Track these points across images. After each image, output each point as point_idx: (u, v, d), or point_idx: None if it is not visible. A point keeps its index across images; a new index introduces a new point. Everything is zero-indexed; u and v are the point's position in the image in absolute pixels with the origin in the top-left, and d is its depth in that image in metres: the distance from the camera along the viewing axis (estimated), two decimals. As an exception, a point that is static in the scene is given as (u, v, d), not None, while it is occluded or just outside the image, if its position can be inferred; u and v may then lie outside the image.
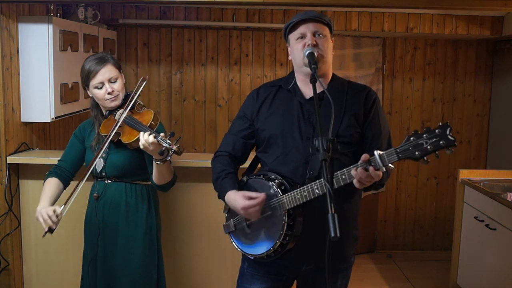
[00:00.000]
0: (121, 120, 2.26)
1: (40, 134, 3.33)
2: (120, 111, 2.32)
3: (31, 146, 3.19)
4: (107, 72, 2.29)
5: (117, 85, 2.32)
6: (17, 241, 3.03)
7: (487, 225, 3.44)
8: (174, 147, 2.07)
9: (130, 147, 2.28)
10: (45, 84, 3.02)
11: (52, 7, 3.27)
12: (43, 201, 2.33)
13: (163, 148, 2.09)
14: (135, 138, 2.21)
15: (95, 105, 2.42)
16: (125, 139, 2.26)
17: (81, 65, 2.36)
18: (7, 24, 2.88)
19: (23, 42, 2.99)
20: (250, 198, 1.89)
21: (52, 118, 3.07)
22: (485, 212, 3.50)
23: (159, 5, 4.19)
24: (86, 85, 2.34)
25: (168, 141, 2.09)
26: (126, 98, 2.37)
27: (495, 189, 3.62)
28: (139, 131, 2.19)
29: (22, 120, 3.06)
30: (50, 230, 2.21)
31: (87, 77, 2.30)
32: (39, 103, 3.03)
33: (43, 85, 3.02)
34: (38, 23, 2.99)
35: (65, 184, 2.46)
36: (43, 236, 2.21)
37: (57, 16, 3.37)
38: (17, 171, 3.01)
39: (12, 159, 2.93)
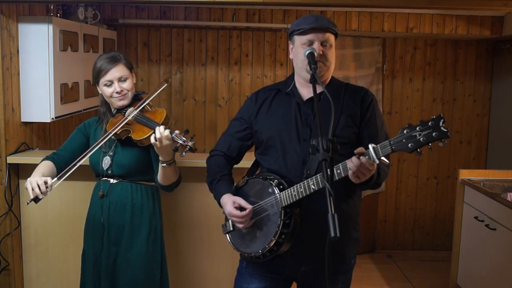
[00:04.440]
0: (129, 117, 2.26)
1: (40, 134, 3.33)
2: (131, 109, 2.33)
3: (31, 146, 3.19)
4: (117, 71, 2.32)
5: (126, 85, 2.34)
6: (17, 241, 3.03)
7: (487, 225, 3.44)
8: (190, 143, 2.09)
9: (141, 144, 2.28)
10: (45, 84, 3.02)
11: (52, 7, 3.27)
12: (35, 175, 2.26)
13: (178, 145, 2.10)
14: (147, 135, 2.22)
15: (105, 102, 2.43)
16: (136, 136, 2.26)
17: (81, 65, 2.36)
18: (7, 24, 2.88)
19: (23, 42, 2.99)
20: (240, 206, 1.94)
21: (52, 118, 3.07)
22: (485, 212, 3.50)
23: (159, 5, 4.19)
24: (96, 82, 2.37)
25: (183, 138, 2.11)
26: (135, 98, 2.39)
27: (495, 189, 3.62)
28: (151, 128, 2.20)
29: (22, 120, 3.06)
30: (36, 199, 2.14)
31: (97, 74, 2.33)
32: (39, 103, 3.03)
33: (43, 85, 3.02)
34: (38, 23, 2.99)
35: (59, 171, 2.38)
36: (27, 203, 2.15)
37: (57, 16, 3.37)
38: (17, 171, 3.01)
39: (12, 159, 2.93)
